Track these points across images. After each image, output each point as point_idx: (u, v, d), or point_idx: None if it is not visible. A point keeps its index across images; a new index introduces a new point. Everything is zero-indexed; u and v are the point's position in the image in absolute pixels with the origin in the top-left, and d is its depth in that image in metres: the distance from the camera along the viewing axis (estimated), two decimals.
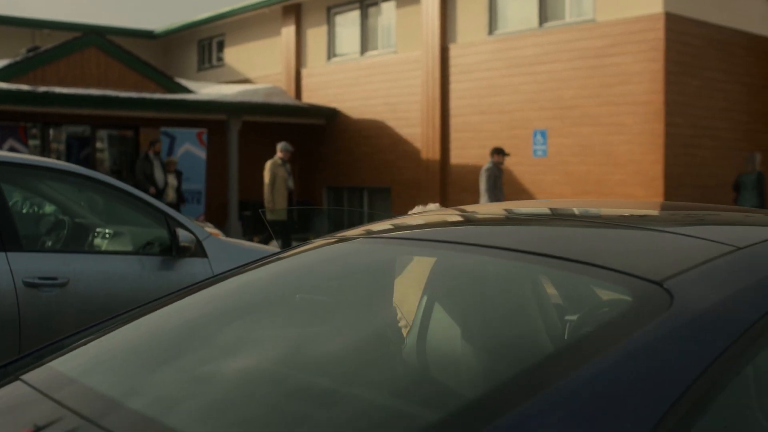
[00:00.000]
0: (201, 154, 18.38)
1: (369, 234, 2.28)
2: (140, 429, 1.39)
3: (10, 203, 5.02)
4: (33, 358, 1.84)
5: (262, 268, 2.19)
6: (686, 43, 14.76)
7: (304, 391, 1.58)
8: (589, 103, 15.21)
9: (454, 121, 17.61)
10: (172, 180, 15.87)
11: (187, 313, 2.02)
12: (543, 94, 15.90)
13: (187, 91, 20.06)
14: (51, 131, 19.02)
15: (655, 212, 2.45)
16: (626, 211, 2.47)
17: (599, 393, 1.31)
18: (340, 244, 2.26)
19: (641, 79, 14.53)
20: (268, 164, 14.55)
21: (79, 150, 19.30)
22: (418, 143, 18.39)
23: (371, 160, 19.55)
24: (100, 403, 1.53)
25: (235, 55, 24.19)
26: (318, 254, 2.25)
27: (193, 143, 18.31)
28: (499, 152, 13.54)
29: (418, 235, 2.23)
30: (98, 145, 19.78)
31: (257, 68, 23.21)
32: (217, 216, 18.86)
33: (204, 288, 2.12)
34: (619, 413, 1.29)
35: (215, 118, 19.16)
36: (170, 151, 17.89)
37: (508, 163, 16.35)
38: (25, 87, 16.82)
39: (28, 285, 4.57)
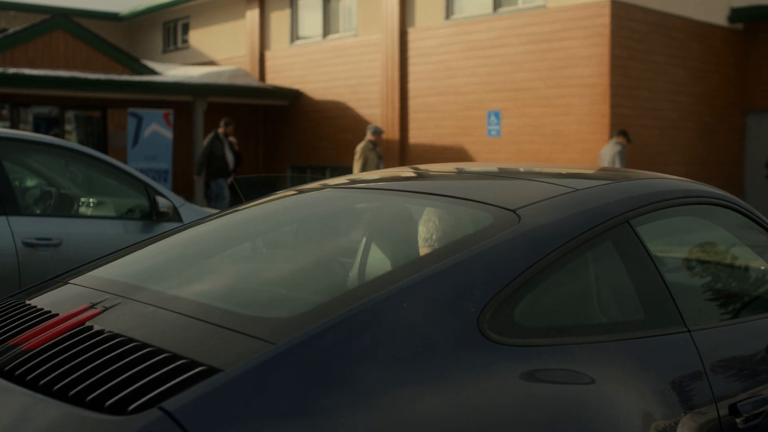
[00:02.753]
0: (168, 134, 18.91)
1: (324, 186, 3.00)
2: (159, 299, 2.10)
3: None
4: (69, 273, 2.54)
5: (238, 212, 2.91)
6: (631, 29, 15.58)
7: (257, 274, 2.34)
8: (539, 85, 16.00)
9: (413, 102, 18.33)
10: (233, 160, 15.37)
11: (179, 240, 2.73)
12: (497, 76, 16.65)
13: (153, 72, 20.57)
14: (20, 112, 19.45)
15: (531, 168, 3.17)
16: (509, 168, 3.23)
17: (460, 273, 2.02)
18: (299, 194, 2.98)
19: (588, 63, 15.33)
20: (360, 147, 14.16)
21: (47, 130, 19.74)
22: (378, 123, 19.08)
23: (333, 140, 20.22)
24: (129, 288, 2.22)
25: (199, 38, 24.67)
26: (282, 201, 2.97)
27: (160, 124, 18.83)
28: (625, 134, 13.60)
29: (360, 185, 2.96)
30: (66, 126, 20.22)
31: (222, 51, 23.73)
32: (183, 194, 19.43)
33: (194, 225, 2.84)
34: (474, 284, 2.01)
35: (181, 99, 19.71)
36: (137, 131, 18.41)
37: (463, 142, 17.14)
38: None
39: (27, 245, 5.22)
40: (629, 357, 2.17)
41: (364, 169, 13.92)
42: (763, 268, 3.22)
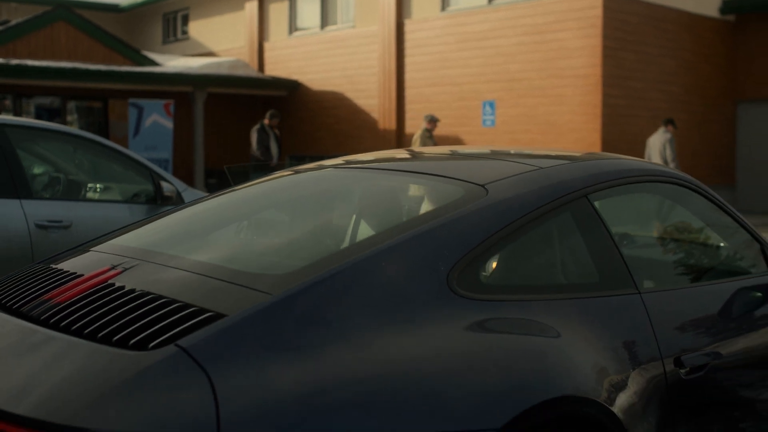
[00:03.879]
0: (168, 124, 19.19)
1: (321, 166, 3.33)
2: (171, 261, 2.42)
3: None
4: (90, 243, 2.85)
5: (241, 190, 3.24)
6: (623, 21, 15.88)
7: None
8: (533, 76, 16.30)
9: (409, 93, 18.63)
10: (277, 152, 15.49)
11: (187, 214, 3.06)
12: (491, 67, 16.95)
13: (154, 63, 20.87)
14: (22, 102, 19.74)
15: (504, 150, 3.48)
16: (483, 150, 3.56)
17: (433, 237, 2.34)
18: (296, 174, 3.31)
19: (581, 54, 15.64)
20: (417, 136, 14.29)
21: (49, 120, 20.02)
22: (375, 114, 19.39)
23: (331, 130, 20.53)
24: (145, 252, 2.54)
25: (199, 29, 24.95)
26: (281, 179, 3.29)
27: (160, 114, 19.11)
28: (672, 123, 14.19)
29: (351, 164, 3.29)
30: (68, 117, 20.51)
31: (221, 42, 24.01)
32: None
33: (201, 201, 3.17)
34: (445, 246, 2.32)
35: (181, 89, 20.01)
36: (138, 121, 18.70)
37: (459, 132, 17.45)
38: None
39: (39, 227, 5.54)
40: (584, 314, 2.49)
41: None
42: (712, 240, 3.55)
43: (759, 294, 3.23)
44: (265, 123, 15.04)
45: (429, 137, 14.19)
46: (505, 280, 2.56)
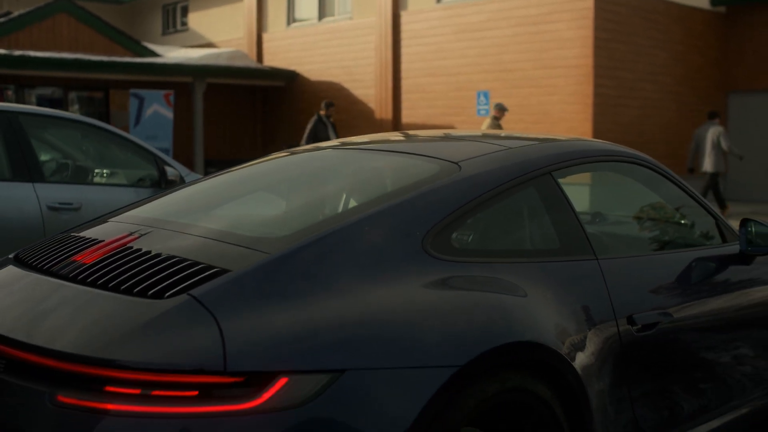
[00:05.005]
0: (168, 114, 19.50)
1: (317, 147, 3.68)
2: (181, 227, 2.77)
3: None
4: (107, 215, 3.20)
5: (242, 169, 3.59)
6: (614, 12, 16.20)
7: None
8: (526, 66, 16.64)
9: (405, 83, 18.96)
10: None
11: (194, 190, 3.41)
12: (486, 58, 17.28)
13: (154, 54, 21.18)
14: (25, 93, 20.05)
15: (479, 133, 3.82)
16: (461, 133, 3.91)
17: (410, 206, 2.68)
18: (292, 155, 3.66)
19: (573, 45, 15.97)
20: (486, 126, 14.48)
21: None
22: (372, 104, 19.72)
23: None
24: (158, 221, 2.88)
25: (198, 20, 25.24)
26: (279, 160, 3.64)
27: (160, 104, 19.42)
28: (718, 116, 15.43)
29: (348, 146, 3.64)
30: (70, 107, 20.82)
31: (220, 33, 24.32)
32: None
33: (207, 179, 3.52)
34: (421, 214, 2.66)
35: (181, 80, 20.33)
36: (139, 111, 19.02)
37: (454, 121, 17.78)
38: (1, 51, 17.86)
39: (51, 209, 5.89)
40: (545, 276, 2.82)
41: None
42: (670, 215, 3.90)
43: (712, 264, 3.58)
44: (321, 114, 15.32)
45: (498, 125, 14.42)
46: (475, 245, 2.91)
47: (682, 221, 3.89)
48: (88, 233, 2.95)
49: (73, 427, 2.03)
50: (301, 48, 21.53)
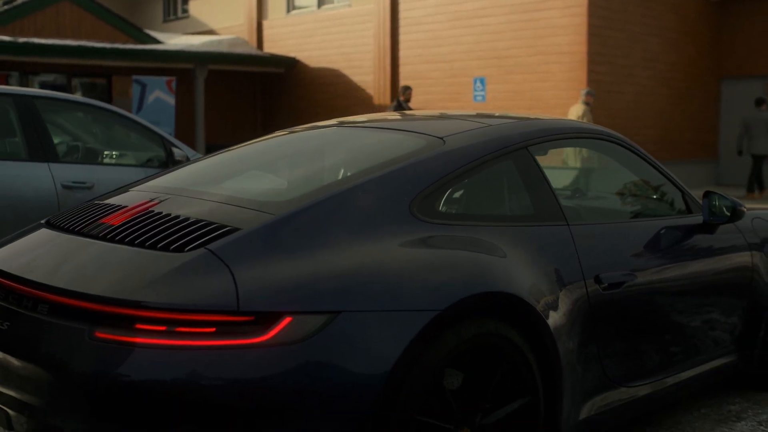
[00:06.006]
0: (170, 100, 19.82)
1: (315, 126, 4.05)
2: (196, 194, 3.12)
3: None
4: (128, 185, 3.57)
5: (248, 145, 3.95)
6: None
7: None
8: (521, 53, 16.96)
9: (403, 70, 19.29)
10: None
11: (205, 163, 3.77)
12: (481, 45, 17.61)
13: (156, 41, 21.50)
14: (29, 79, 20.36)
15: (463, 113, 4.17)
16: (447, 113, 4.27)
17: (399, 175, 3.03)
18: (291, 133, 4.02)
19: (567, 32, 16.29)
20: (582, 112, 14.48)
21: None
22: (370, 90, 20.06)
23: (328, 105, 21.18)
24: (175, 189, 3.24)
25: (199, 7, 25.53)
26: (283, 137, 4.01)
27: (162, 90, 19.73)
28: (765, 102, 16.86)
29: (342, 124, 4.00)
30: (73, 93, 21.14)
31: (221, 20, 24.62)
32: None
33: (217, 154, 3.89)
34: (408, 183, 3.01)
35: (183, 66, 20.65)
36: (142, 97, 19.33)
37: (451, 107, 18.10)
38: (6, 38, 18.18)
39: (65, 187, 6.24)
40: (520, 239, 3.17)
41: None
42: (639, 187, 4.26)
43: (678, 232, 3.94)
44: (400, 99, 15.63)
45: (590, 111, 14.55)
46: (457, 210, 3.28)
47: (651, 193, 4.25)
48: (112, 201, 3.30)
49: (110, 358, 2.39)
50: (300, 35, 21.84)
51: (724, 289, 4.09)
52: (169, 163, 6.76)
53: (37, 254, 2.91)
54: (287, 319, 2.43)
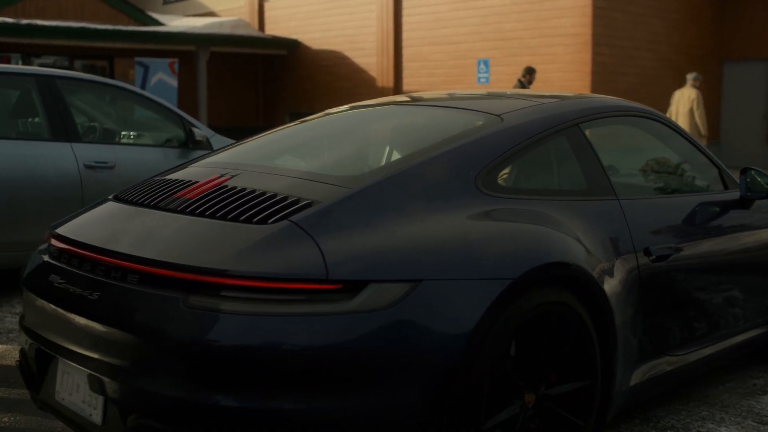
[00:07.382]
0: (173, 82, 19.83)
1: (352, 107, 4.13)
2: (265, 169, 3.21)
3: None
4: (189, 161, 3.63)
5: (302, 123, 4.06)
6: None
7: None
8: (525, 35, 16.98)
9: (407, 52, 19.29)
10: None
11: (263, 140, 3.85)
12: (485, 26, 17.62)
13: (158, 23, 21.47)
14: (31, 61, 20.34)
15: (512, 92, 4.27)
16: (497, 92, 4.37)
17: (463, 151, 3.12)
18: (352, 110, 4.12)
19: (572, 14, 16.31)
20: (695, 96, 14.35)
21: None
22: (373, 72, 20.06)
23: (330, 87, 21.20)
24: (241, 165, 3.30)
25: None
26: (337, 115, 4.11)
27: (165, 72, 19.73)
28: None
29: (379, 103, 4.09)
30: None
31: (222, 1, 24.56)
32: None
33: (274, 132, 3.99)
34: (472, 158, 3.10)
35: (185, 48, 20.63)
36: (144, 79, 19.33)
37: (455, 89, 18.10)
38: (9, 20, 18.15)
39: (87, 167, 6.29)
40: (575, 213, 3.27)
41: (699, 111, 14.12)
42: (679, 164, 4.36)
43: (716, 208, 4.05)
44: (522, 80, 15.58)
45: (699, 96, 14.37)
46: (516, 184, 3.38)
47: (688, 170, 4.36)
48: (179, 176, 3.35)
49: (205, 325, 2.45)
50: (303, 17, 21.81)
51: (760, 263, 4.21)
52: (189, 143, 6.80)
53: (117, 227, 2.98)
54: (372, 287, 2.52)
